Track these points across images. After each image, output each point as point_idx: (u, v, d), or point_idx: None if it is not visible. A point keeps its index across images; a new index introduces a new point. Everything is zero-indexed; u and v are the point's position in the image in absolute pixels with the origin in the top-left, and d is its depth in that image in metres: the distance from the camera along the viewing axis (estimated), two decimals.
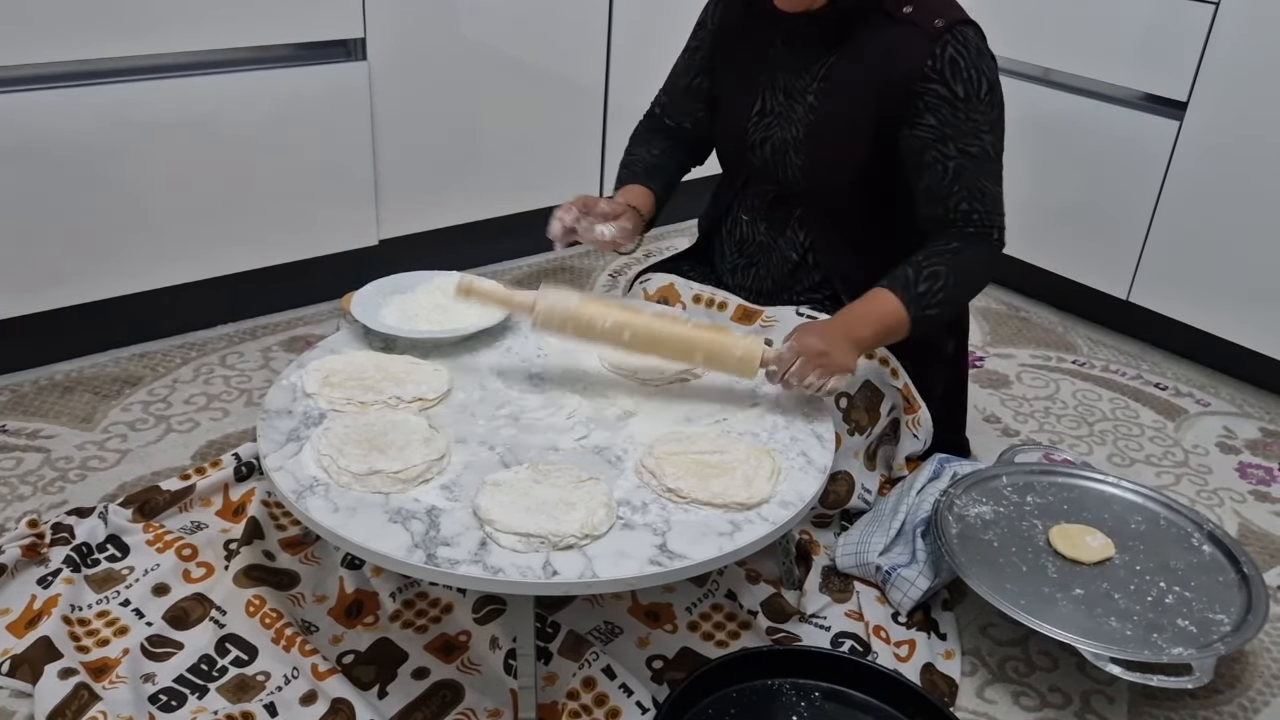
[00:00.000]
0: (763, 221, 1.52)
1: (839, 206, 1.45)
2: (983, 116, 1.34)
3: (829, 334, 1.28)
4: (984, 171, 1.36)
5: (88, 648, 1.23)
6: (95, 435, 1.65)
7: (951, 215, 1.37)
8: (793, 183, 1.45)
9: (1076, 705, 1.27)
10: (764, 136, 1.46)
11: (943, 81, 1.32)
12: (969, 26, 1.33)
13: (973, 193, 1.36)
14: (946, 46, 1.31)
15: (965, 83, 1.32)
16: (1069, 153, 2.14)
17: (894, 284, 1.33)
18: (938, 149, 1.35)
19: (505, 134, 2.18)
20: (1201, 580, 1.35)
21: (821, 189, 1.44)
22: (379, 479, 1.11)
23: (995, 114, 1.36)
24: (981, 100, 1.33)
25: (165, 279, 1.86)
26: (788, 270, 1.51)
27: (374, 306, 1.42)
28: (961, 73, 1.32)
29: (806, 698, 1.18)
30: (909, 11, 1.33)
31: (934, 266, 1.34)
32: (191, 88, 1.76)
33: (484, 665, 1.24)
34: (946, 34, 1.31)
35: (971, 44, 1.32)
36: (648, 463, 1.16)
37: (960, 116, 1.33)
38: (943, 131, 1.34)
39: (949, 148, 1.34)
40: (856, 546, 1.41)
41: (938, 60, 1.31)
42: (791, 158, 1.44)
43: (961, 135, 1.34)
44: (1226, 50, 1.88)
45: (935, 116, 1.33)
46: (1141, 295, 2.10)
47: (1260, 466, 1.79)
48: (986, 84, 1.33)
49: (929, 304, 1.32)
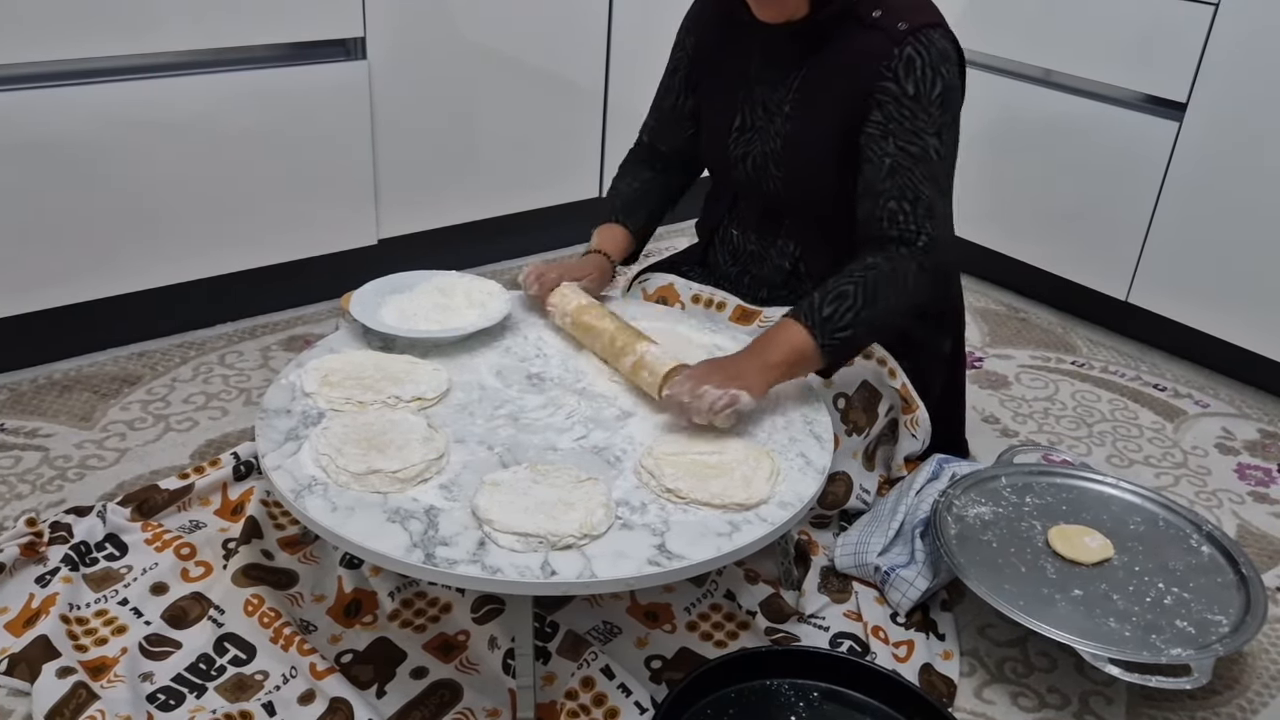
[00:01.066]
0: (753, 232, 1.52)
1: (825, 215, 1.44)
2: (929, 119, 1.29)
3: (734, 361, 1.25)
4: (922, 174, 1.30)
5: (86, 646, 1.23)
6: (94, 434, 1.65)
7: (879, 213, 1.31)
8: (775, 195, 1.45)
9: (1075, 706, 1.27)
10: (745, 152, 1.45)
11: (895, 79, 1.29)
12: (936, 30, 1.30)
13: (904, 192, 1.30)
14: (906, 47, 1.28)
15: (918, 81, 1.28)
16: (1068, 153, 2.14)
17: (799, 311, 1.28)
18: (878, 144, 1.31)
19: (505, 134, 2.18)
20: (1200, 581, 1.35)
21: (803, 200, 1.43)
22: (377, 478, 1.11)
23: (946, 118, 1.31)
24: (932, 101, 1.29)
25: (164, 278, 1.86)
26: (781, 279, 1.51)
27: (373, 306, 1.42)
28: (915, 71, 1.28)
29: (805, 698, 1.18)
30: (878, 16, 1.30)
31: (842, 287, 1.28)
32: (191, 87, 1.76)
33: (482, 665, 1.24)
34: (909, 36, 1.28)
35: (934, 46, 1.29)
36: (646, 463, 1.16)
37: (905, 114, 1.29)
38: (886, 127, 1.30)
39: (889, 144, 1.30)
40: (855, 547, 1.41)
41: (895, 60, 1.29)
42: (771, 171, 1.43)
43: (904, 133, 1.29)
44: (1226, 51, 1.88)
45: (881, 112, 1.30)
46: (1141, 296, 2.10)
47: (1259, 468, 1.79)
48: (941, 86, 1.29)
49: (837, 327, 1.26)
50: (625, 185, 1.58)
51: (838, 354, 1.29)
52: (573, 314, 1.39)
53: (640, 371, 1.28)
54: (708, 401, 1.18)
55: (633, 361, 1.29)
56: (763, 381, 1.24)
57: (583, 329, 1.38)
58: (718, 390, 1.19)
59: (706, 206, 1.62)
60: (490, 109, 2.14)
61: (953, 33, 1.32)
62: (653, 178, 1.59)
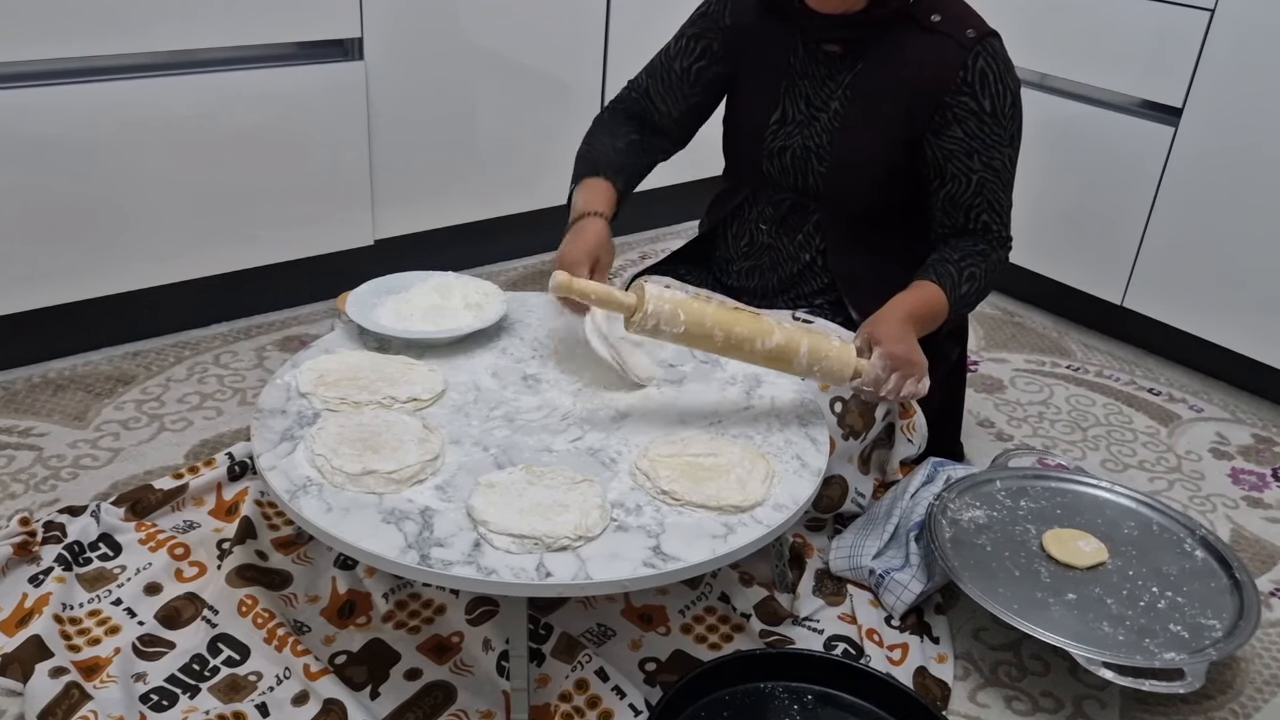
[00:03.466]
0: (775, 225, 1.52)
1: (857, 212, 1.45)
2: (1005, 131, 1.37)
3: (904, 335, 1.29)
4: (1003, 185, 1.40)
5: (79, 646, 1.23)
6: (88, 433, 1.65)
7: (972, 226, 1.41)
8: (813, 189, 1.46)
9: (1069, 710, 1.27)
10: (784, 145, 1.46)
11: (972, 95, 1.34)
12: (995, 38, 1.36)
13: (992, 206, 1.40)
14: (978, 58, 1.33)
15: (993, 97, 1.34)
16: (1065, 158, 2.15)
17: (942, 281, 1.36)
18: (963, 161, 1.37)
19: (502, 134, 2.18)
20: (1194, 586, 1.35)
21: (843, 195, 1.45)
22: (373, 479, 1.10)
23: (1016, 127, 1.39)
24: (1006, 115, 1.36)
25: (159, 277, 1.86)
26: (795, 272, 1.51)
27: (369, 306, 1.41)
28: (990, 86, 1.34)
29: (799, 701, 1.18)
30: (938, 20, 1.35)
31: (972, 268, 1.38)
32: (188, 86, 1.76)
33: (476, 666, 1.24)
34: (978, 45, 1.33)
35: (1000, 56, 1.35)
36: (642, 465, 1.16)
37: (986, 130, 1.35)
38: (969, 145, 1.36)
39: (974, 161, 1.37)
40: (850, 550, 1.41)
41: (969, 72, 1.33)
42: (814, 165, 1.44)
43: (987, 149, 1.36)
44: (1221, 57, 1.88)
45: (962, 129, 1.35)
46: (1136, 301, 2.10)
47: (1253, 472, 1.80)
48: (1011, 98, 1.36)
49: (964, 304, 1.39)
50: (608, 142, 1.49)
51: (946, 327, 1.40)
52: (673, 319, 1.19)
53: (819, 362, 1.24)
54: (909, 392, 1.29)
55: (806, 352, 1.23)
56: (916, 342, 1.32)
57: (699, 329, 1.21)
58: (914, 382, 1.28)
59: (718, 201, 1.61)
60: (487, 109, 2.13)
61: None
62: (638, 140, 1.51)
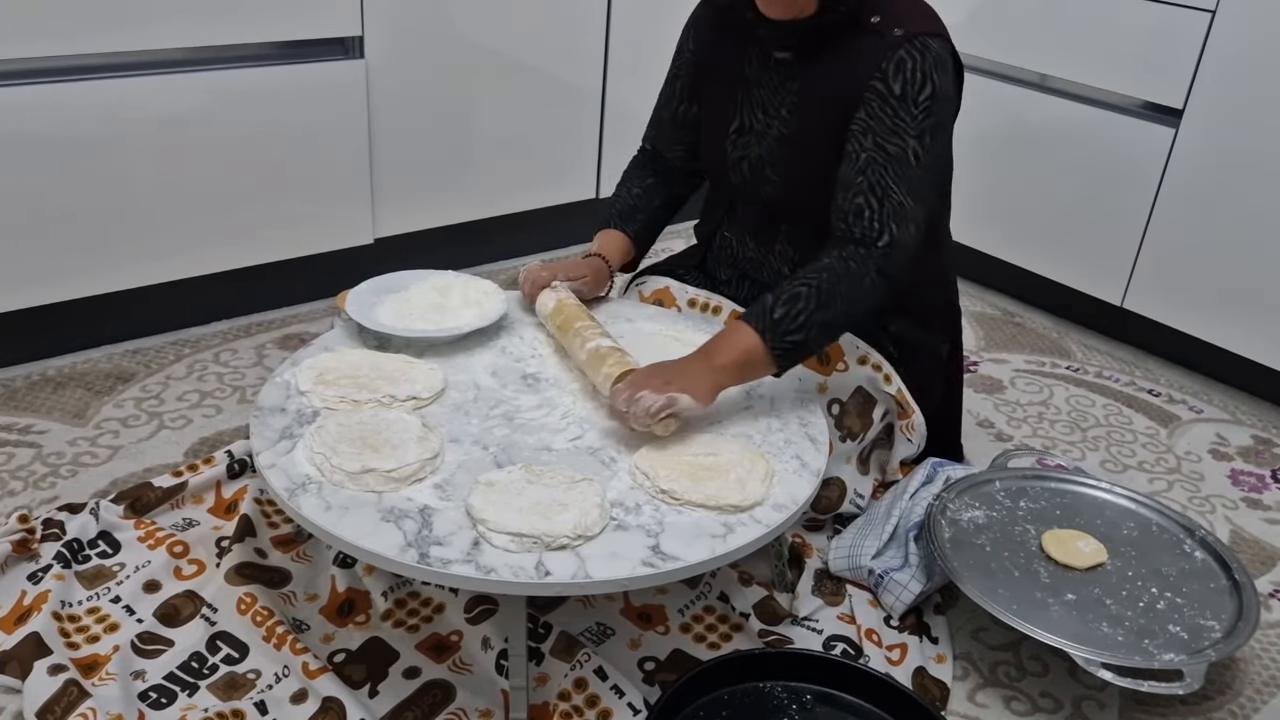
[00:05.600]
0: (751, 239, 1.51)
1: (822, 221, 1.43)
2: (912, 120, 1.27)
3: (679, 365, 1.23)
4: (895, 174, 1.27)
5: (78, 644, 1.23)
6: (87, 431, 1.65)
7: (846, 207, 1.29)
8: (772, 199, 1.45)
9: (1068, 710, 1.27)
10: (742, 155, 1.45)
11: (883, 79, 1.27)
12: (935, 39, 1.28)
13: (873, 189, 1.27)
14: (899, 50, 1.27)
15: (906, 82, 1.26)
16: (1065, 159, 2.15)
17: (751, 314, 1.26)
18: (857, 140, 1.29)
19: (502, 133, 2.18)
20: (1193, 586, 1.35)
21: (800, 204, 1.42)
22: (372, 477, 1.10)
23: (930, 123, 1.28)
24: (918, 103, 1.26)
25: (159, 275, 1.86)
26: (777, 283, 1.50)
27: (369, 305, 1.41)
28: (905, 72, 1.26)
29: (798, 700, 1.18)
30: (876, 22, 1.29)
31: (795, 289, 1.25)
32: (188, 84, 1.76)
33: (475, 665, 1.24)
34: (905, 41, 1.27)
35: (929, 53, 1.27)
36: (641, 464, 1.16)
37: (888, 112, 1.27)
38: (868, 124, 1.29)
39: (867, 140, 1.29)
40: (849, 549, 1.41)
41: (887, 61, 1.27)
42: (768, 174, 1.42)
43: (884, 130, 1.28)
44: (1223, 58, 1.88)
45: (865, 110, 1.29)
46: (1136, 302, 2.10)
47: (1252, 474, 1.80)
48: (930, 90, 1.26)
49: (789, 330, 1.23)
50: (625, 191, 1.58)
51: (789, 358, 1.26)
52: (549, 315, 1.39)
53: (596, 368, 1.27)
54: (643, 407, 1.16)
55: (587, 356, 1.29)
56: (710, 385, 1.21)
57: (559, 328, 1.38)
58: (654, 395, 1.16)
59: (705, 211, 1.62)
60: (488, 109, 2.13)
61: (953, 44, 1.31)
62: (655, 184, 1.58)
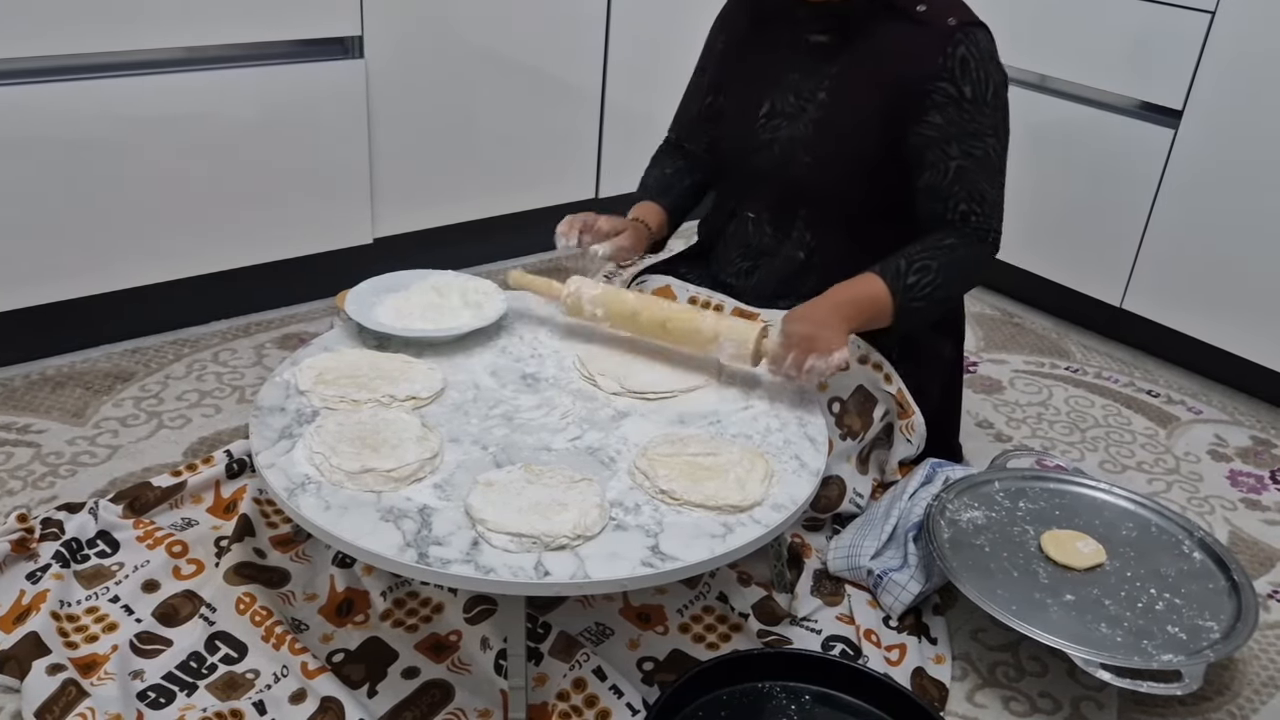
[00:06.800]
0: (768, 224, 1.52)
1: (846, 207, 1.45)
2: (987, 120, 1.36)
3: (814, 315, 1.30)
4: (984, 175, 1.37)
5: (76, 644, 1.23)
6: (86, 430, 1.65)
7: (950, 215, 1.39)
8: (800, 181, 1.46)
9: (1066, 711, 1.27)
10: (772, 137, 1.47)
11: (951, 80, 1.33)
12: (980, 28, 1.35)
13: (972, 195, 1.37)
14: (958, 45, 1.33)
15: (974, 84, 1.34)
16: (1064, 160, 2.15)
17: (885, 271, 1.35)
18: (941, 148, 1.36)
19: (502, 133, 2.18)
20: (1192, 587, 1.35)
21: (828, 187, 1.45)
22: (371, 477, 1.10)
23: (999, 117, 1.38)
24: (988, 103, 1.35)
25: (159, 275, 1.86)
26: (792, 272, 1.51)
27: (368, 305, 1.41)
28: (971, 73, 1.33)
29: (797, 701, 1.18)
30: (923, 10, 1.35)
31: (925, 260, 1.36)
32: (188, 84, 1.76)
33: (474, 665, 1.24)
34: (959, 33, 1.33)
35: (982, 45, 1.34)
36: (640, 464, 1.16)
37: (965, 117, 1.34)
38: (947, 131, 1.35)
39: (952, 148, 1.36)
40: (848, 550, 1.41)
41: (949, 59, 1.33)
42: (800, 155, 1.44)
43: (965, 136, 1.35)
44: (1222, 59, 1.88)
45: (941, 115, 1.35)
46: (1135, 302, 2.10)
47: (1251, 475, 1.80)
48: (993, 87, 1.35)
49: (915, 296, 1.34)
50: (658, 171, 1.62)
51: (908, 321, 1.36)
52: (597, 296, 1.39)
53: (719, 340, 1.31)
54: (816, 376, 1.27)
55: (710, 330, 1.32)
56: (845, 333, 1.31)
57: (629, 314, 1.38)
58: (820, 360, 1.26)
59: (716, 198, 1.63)
60: (487, 108, 2.13)
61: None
62: (684, 166, 1.62)
